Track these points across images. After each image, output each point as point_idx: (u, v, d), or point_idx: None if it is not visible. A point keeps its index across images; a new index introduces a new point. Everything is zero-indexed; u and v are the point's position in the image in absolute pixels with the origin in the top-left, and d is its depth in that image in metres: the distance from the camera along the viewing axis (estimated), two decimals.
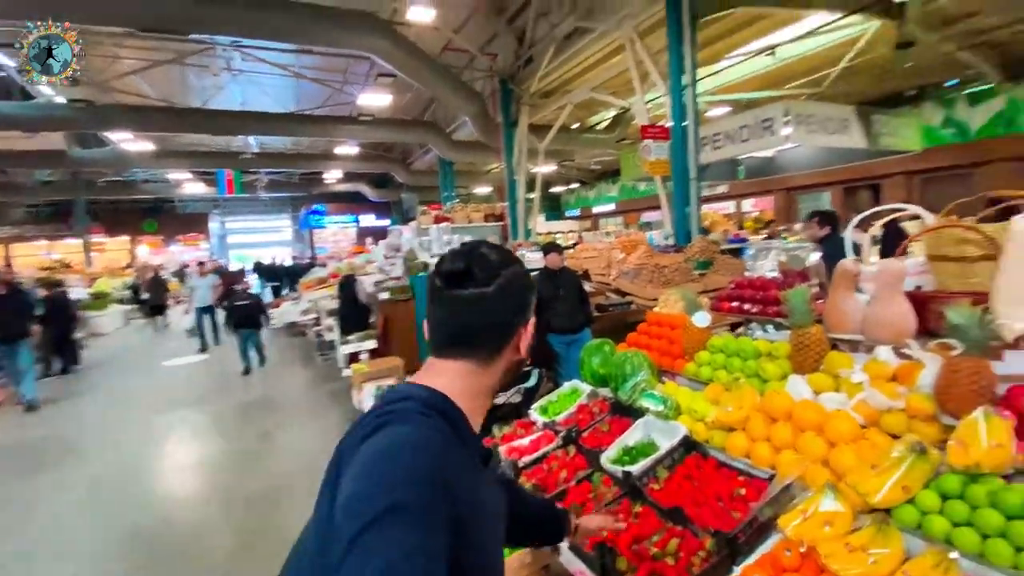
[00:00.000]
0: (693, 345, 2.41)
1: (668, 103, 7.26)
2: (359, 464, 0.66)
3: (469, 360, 0.80)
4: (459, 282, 0.78)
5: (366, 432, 0.70)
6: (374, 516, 0.57)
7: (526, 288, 0.84)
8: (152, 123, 12.29)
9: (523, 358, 0.86)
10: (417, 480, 0.62)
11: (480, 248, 0.82)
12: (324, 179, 23.93)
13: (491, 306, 0.78)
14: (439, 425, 0.72)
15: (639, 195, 21.53)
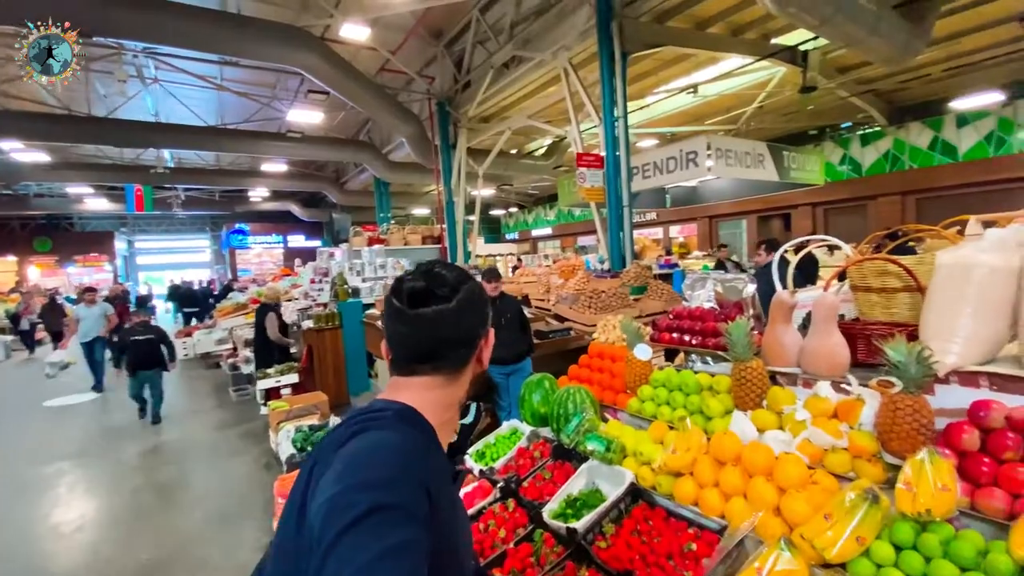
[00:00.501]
0: (635, 379, 2.33)
1: (601, 133, 7.46)
2: (337, 468, 0.65)
3: (436, 375, 0.81)
4: (421, 301, 0.79)
5: (341, 441, 0.71)
6: (356, 516, 0.57)
7: (484, 301, 0.87)
8: (47, 132, 11.00)
9: (484, 369, 0.89)
10: (399, 480, 0.63)
11: (435, 267, 0.84)
12: (249, 197, 22.59)
13: (454, 321, 0.80)
14: (413, 433, 0.74)
15: (575, 220, 22.12)
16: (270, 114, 12.92)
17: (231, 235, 24.19)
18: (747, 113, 11.08)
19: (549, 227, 24.65)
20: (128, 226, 26.11)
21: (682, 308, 2.54)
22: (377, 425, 0.72)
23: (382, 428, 0.72)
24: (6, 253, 22.16)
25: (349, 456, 0.67)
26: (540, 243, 25.89)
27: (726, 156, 8.62)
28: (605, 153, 7.49)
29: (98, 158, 16.14)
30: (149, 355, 5.91)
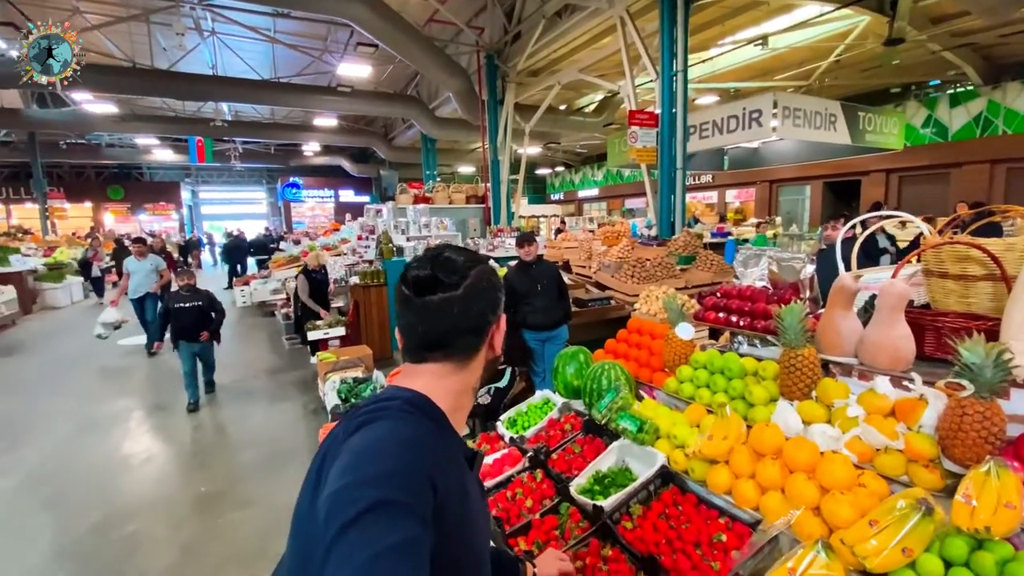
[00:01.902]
0: (675, 358, 2.25)
1: (658, 88, 7.03)
2: (343, 461, 0.65)
3: (446, 362, 0.80)
4: (427, 288, 0.78)
5: (350, 431, 0.71)
6: (359, 512, 0.57)
7: (494, 285, 0.84)
8: (114, 84, 11.50)
9: (498, 355, 0.87)
10: (403, 475, 0.62)
11: (444, 252, 0.82)
12: (303, 151, 23.10)
13: (462, 308, 0.78)
14: (423, 422, 0.73)
15: (624, 181, 21.38)
16: (321, 68, 12.95)
17: (286, 188, 24.98)
18: (821, 68, 10.13)
19: (596, 188, 23.98)
20: (192, 177, 27.42)
21: (731, 286, 2.41)
22: (385, 416, 0.71)
23: (390, 419, 0.70)
24: (83, 200, 23.85)
25: (355, 449, 0.66)
26: (586, 205, 25.33)
27: (794, 116, 7.94)
28: (660, 111, 7.09)
29: (162, 110, 16.84)
30: (197, 325, 5.11)
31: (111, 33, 10.78)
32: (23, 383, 5.51)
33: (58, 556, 2.95)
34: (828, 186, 14.03)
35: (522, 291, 3.99)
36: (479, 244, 7.00)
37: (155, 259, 7.09)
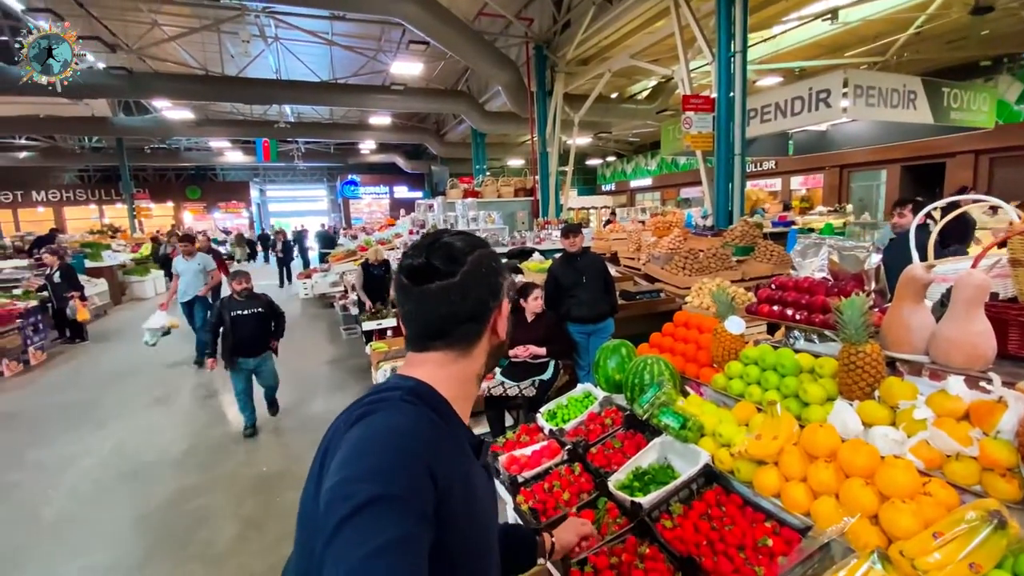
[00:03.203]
0: (724, 353, 2.15)
1: (714, 71, 6.71)
2: (342, 454, 0.65)
3: (448, 351, 0.79)
4: (424, 277, 0.76)
5: (351, 422, 0.70)
6: (354, 508, 0.56)
7: (494, 270, 0.82)
8: (188, 91, 12.39)
9: (503, 340, 0.85)
10: (399, 469, 0.61)
11: (441, 238, 0.80)
12: (359, 149, 23.94)
13: (459, 296, 0.77)
14: (425, 412, 0.72)
15: (679, 169, 20.65)
16: (375, 67, 13.33)
17: (344, 186, 26.01)
18: (900, 41, 9.29)
19: (649, 178, 23.30)
20: (260, 176, 29.11)
21: (787, 278, 2.26)
22: (385, 407, 0.70)
23: (389, 410, 0.69)
24: (165, 200, 25.93)
25: (353, 442, 0.65)
26: (638, 195, 24.68)
27: (867, 94, 7.34)
28: (717, 94, 6.77)
29: (232, 114, 17.95)
30: (257, 336, 4.34)
31: (186, 44, 11.58)
32: (112, 367, 6.05)
33: (138, 523, 3.24)
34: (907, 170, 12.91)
35: (567, 283, 3.95)
36: (526, 236, 6.99)
37: (203, 258, 6.52)
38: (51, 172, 22.98)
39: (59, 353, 7.43)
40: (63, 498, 3.55)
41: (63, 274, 7.44)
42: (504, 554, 1.05)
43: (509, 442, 2.20)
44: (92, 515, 3.33)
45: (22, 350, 6.68)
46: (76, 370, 6.66)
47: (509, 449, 2.13)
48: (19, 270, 9.16)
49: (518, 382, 3.48)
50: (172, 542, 3.03)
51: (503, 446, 2.19)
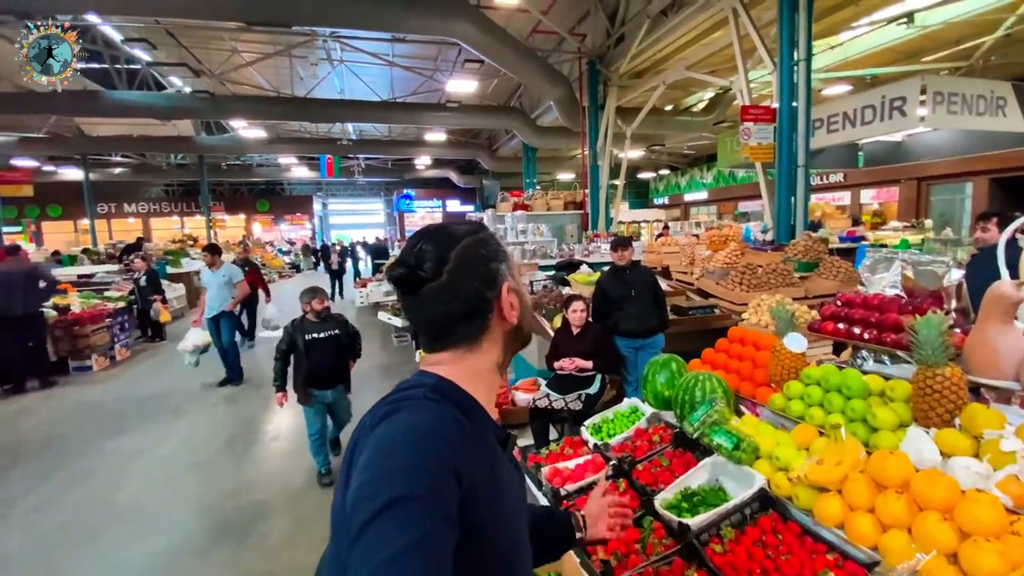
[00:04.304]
0: (782, 372, 2.03)
1: (775, 81, 6.46)
2: (366, 455, 0.65)
3: (456, 348, 0.78)
4: (410, 285, 0.75)
5: (375, 421, 0.70)
6: (379, 508, 0.56)
7: (483, 258, 0.78)
8: (262, 111, 13.31)
9: (516, 324, 0.81)
10: (421, 469, 0.61)
11: (421, 241, 0.78)
12: (415, 165, 24.80)
13: (449, 294, 0.75)
14: (448, 409, 0.71)
15: (736, 182, 19.94)
16: (432, 86, 13.82)
17: (400, 200, 26.94)
18: (986, 45, 8.60)
19: (705, 191, 22.63)
20: (323, 191, 30.72)
21: (854, 294, 2.12)
22: (407, 406, 0.69)
23: (412, 409, 0.69)
24: (238, 212, 27.86)
25: (376, 443, 0.65)
26: (693, 209, 24.00)
27: (948, 101, 6.84)
28: (778, 104, 6.51)
29: (300, 132, 19.10)
30: (335, 363, 3.78)
31: (261, 68, 12.47)
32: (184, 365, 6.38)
33: (202, 511, 3.44)
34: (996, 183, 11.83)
35: (615, 296, 3.88)
36: (574, 249, 6.94)
37: (229, 270, 6.03)
38: (141, 187, 25.27)
39: (141, 351, 8.08)
40: (135, 485, 3.82)
41: (148, 279, 8.12)
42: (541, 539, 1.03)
43: (552, 454, 2.18)
44: (160, 502, 3.56)
45: (109, 347, 7.32)
46: (154, 367, 7.20)
47: (552, 461, 2.11)
48: (110, 274, 10.08)
49: (564, 395, 3.44)
50: (231, 532, 3.19)
51: (546, 458, 2.16)
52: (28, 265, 6.43)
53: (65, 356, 6.73)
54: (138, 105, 11.94)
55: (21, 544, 3.11)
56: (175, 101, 12.49)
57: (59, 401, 5.81)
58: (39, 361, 6.22)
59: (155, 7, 7.53)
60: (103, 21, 9.26)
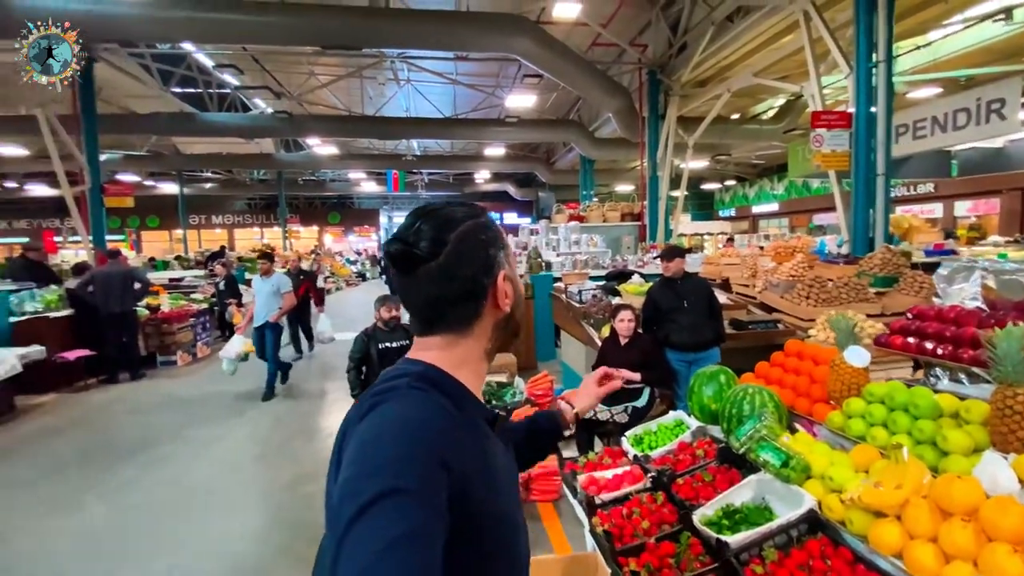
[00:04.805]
0: (842, 388, 1.89)
1: (851, 85, 6.07)
2: (351, 449, 0.64)
3: (447, 333, 0.77)
4: (406, 265, 0.73)
5: (362, 413, 0.69)
6: (365, 503, 0.55)
7: (483, 243, 0.77)
8: (335, 129, 14.21)
9: (508, 313, 0.80)
10: (407, 461, 0.60)
11: (420, 220, 0.76)
12: (475, 179, 25.44)
13: (446, 277, 0.73)
14: (434, 398, 0.69)
15: (811, 193, 18.80)
16: (492, 102, 14.17)
17: None
18: None
19: (775, 203, 21.49)
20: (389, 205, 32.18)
21: (927, 307, 1.94)
22: (392, 397, 0.68)
23: (397, 400, 0.67)
24: (311, 224, 29.73)
25: (361, 436, 0.64)
26: (762, 221, 22.84)
27: None
28: (855, 109, 6.10)
29: (369, 149, 20.17)
30: None
31: (334, 89, 13.31)
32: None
33: (263, 499, 3.66)
34: None
35: (665, 307, 3.75)
36: (627, 260, 6.81)
37: (279, 279, 5.94)
38: (227, 200, 27.58)
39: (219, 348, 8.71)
40: (205, 471, 4.12)
41: (227, 284, 8.80)
42: (530, 445, 1.12)
43: (590, 463, 2.13)
44: (226, 488, 3.82)
45: (192, 344, 7.99)
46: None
47: (590, 470, 2.06)
48: (197, 279, 11.03)
49: (609, 407, 3.36)
50: (288, 519, 3.36)
51: (584, 466, 2.12)
52: (125, 268, 7.17)
53: (154, 351, 7.42)
54: (226, 125, 13.12)
55: (106, 517, 3.44)
56: (258, 121, 13.60)
57: (146, 392, 6.40)
58: (131, 355, 6.89)
59: (241, 35, 8.26)
60: (197, 49, 10.27)
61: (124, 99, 12.46)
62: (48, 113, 8.78)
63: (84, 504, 3.59)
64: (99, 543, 3.13)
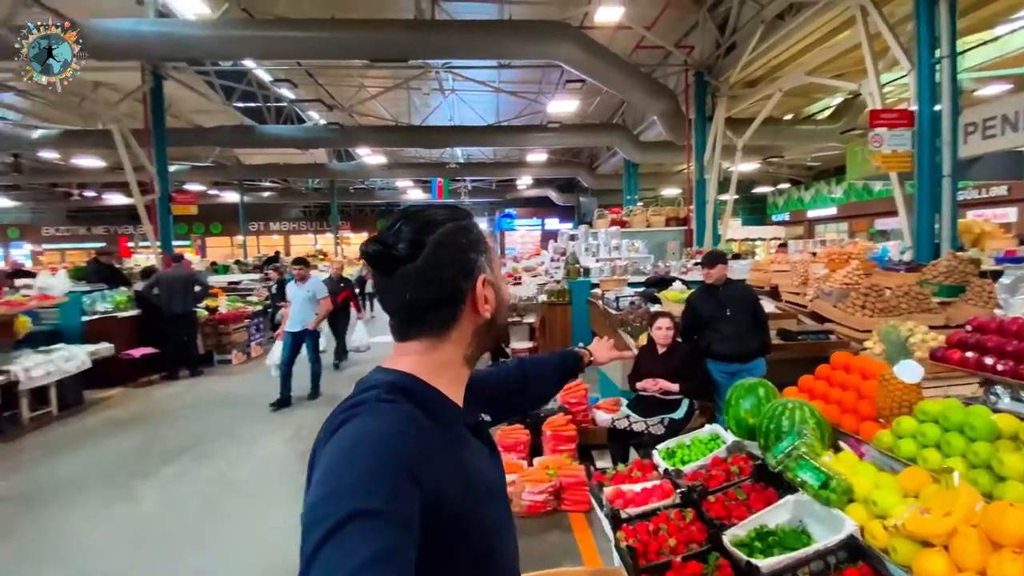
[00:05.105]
0: (892, 405, 1.77)
1: (913, 82, 5.71)
2: (319, 472, 0.62)
3: (424, 338, 0.75)
4: (384, 266, 0.72)
5: (330, 432, 0.67)
6: (331, 527, 0.53)
7: (462, 247, 0.75)
8: (384, 139, 14.70)
9: (488, 319, 0.78)
10: (376, 481, 0.58)
11: (399, 222, 0.75)
12: (517, 185, 25.61)
13: (423, 280, 0.72)
14: (405, 409, 0.67)
15: (872, 196, 17.72)
16: (535, 108, 14.23)
17: (502, 219, 27.89)
18: None
19: (833, 206, 20.40)
20: None
21: (989, 318, 1.78)
22: (361, 412, 0.66)
23: (364, 415, 0.66)
24: (362, 230, 30.77)
25: (328, 456, 0.63)
26: (819, 226, 21.72)
27: None
28: (917, 107, 5.73)
29: (415, 158, 20.70)
30: None
31: (383, 100, 13.75)
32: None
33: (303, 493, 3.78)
34: None
35: (706, 315, 3.62)
36: (670, 266, 6.63)
37: (315, 285, 5.86)
38: (284, 208, 28.99)
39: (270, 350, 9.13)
40: (253, 466, 4.32)
41: (279, 287, 9.24)
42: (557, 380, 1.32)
43: (619, 475, 2.08)
44: (270, 482, 3.99)
45: (247, 344, 8.43)
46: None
47: (617, 482, 2.02)
48: (253, 282, 11.65)
49: (645, 418, 3.28)
50: None
51: (612, 478, 2.08)
52: (188, 272, 7.67)
53: (211, 350, 7.87)
54: (283, 137, 13.81)
55: (158, 505, 3.67)
56: (312, 133, 14.24)
57: (202, 388, 6.80)
58: (191, 353, 7.35)
59: (297, 50, 8.68)
60: (257, 65, 10.88)
61: (191, 114, 13.36)
62: (122, 127, 9.53)
63: (139, 494, 3.85)
64: (151, 531, 3.35)
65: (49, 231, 27.38)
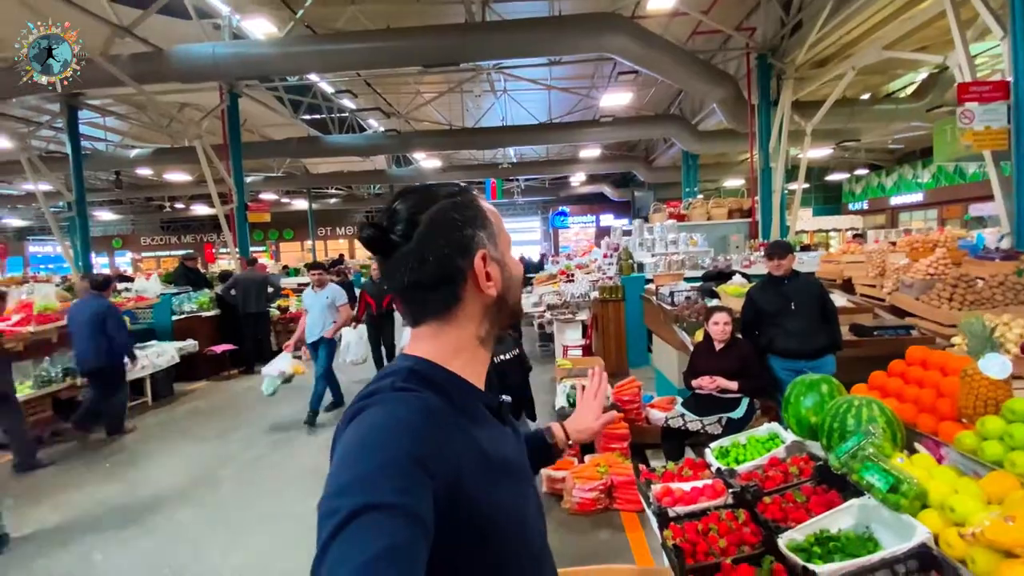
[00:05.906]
0: (976, 403, 1.60)
1: (1007, 50, 5.12)
2: (333, 465, 0.63)
3: (432, 321, 0.74)
4: (381, 248, 0.71)
5: (347, 422, 0.67)
6: (339, 523, 0.53)
7: (456, 224, 0.72)
8: (439, 143, 15.09)
9: (496, 296, 0.75)
10: (386, 474, 0.57)
11: (395, 202, 0.73)
12: (570, 182, 25.42)
13: (419, 262, 0.70)
14: (420, 396, 0.66)
15: (966, 180, 16.06)
16: (587, 103, 14.06)
17: (555, 216, 27.77)
18: None
19: (920, 192, 18.66)
20: None
21: None
22: (375, 402, 0.66)
23: (379, 405, 0.65)
24: None
25: (342, 447, 0.63)
26: (903, 214, 19.95)
27: None
28: (1013, 78, 5.12)
29: (469, 160, 21.07)
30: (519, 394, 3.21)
31: (437, 105, 14.11)
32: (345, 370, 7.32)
33: None
34: None
35: (770, 309, 3.41)
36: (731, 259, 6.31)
37: (333, 291, 5.47)
38: (348, 214, 30.45)
39: None
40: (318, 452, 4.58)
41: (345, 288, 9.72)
42: None
43: (668, 473, 2.03)
44: None
45: None
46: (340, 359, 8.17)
47: (667, 480, 1.96)
48: None
49: (701, 417, 3.15)
50: None
51: (661, 476, 2.02)
52: (262, 274, 8.23)
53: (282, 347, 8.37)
54: (345, 146, 14.52)
55: (231, 491, 3.98)
56: (372, 140, 14.86)
57: None
58: (264, 350, 7.87)
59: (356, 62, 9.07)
60: (320, 78, 11.49)
61: (263, 128, 14.33)
62: (204, 143, 10.38)
63: (219, 478, 4.19)
64: (227, 513, 3.63)
65: (146, 240, 30.36)
